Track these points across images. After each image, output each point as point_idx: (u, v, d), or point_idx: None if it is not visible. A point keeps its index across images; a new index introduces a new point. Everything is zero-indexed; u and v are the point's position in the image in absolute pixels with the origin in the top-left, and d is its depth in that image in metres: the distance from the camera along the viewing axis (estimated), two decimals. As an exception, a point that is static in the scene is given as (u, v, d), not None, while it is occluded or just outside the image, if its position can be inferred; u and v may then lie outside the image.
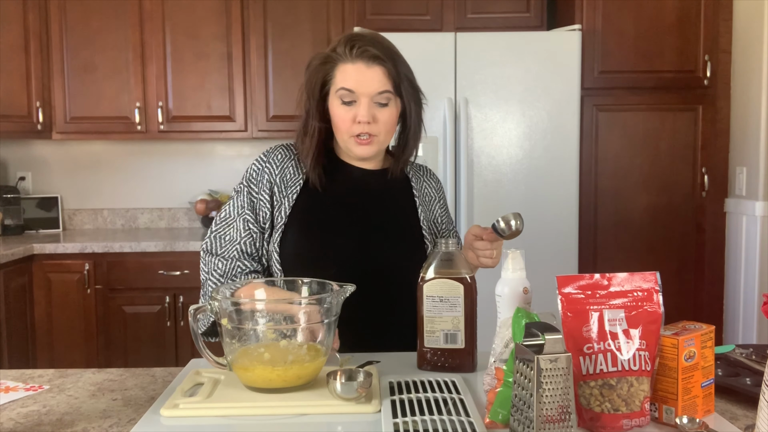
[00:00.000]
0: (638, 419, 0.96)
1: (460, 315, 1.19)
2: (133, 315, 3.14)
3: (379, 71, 1.35)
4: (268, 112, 3.42)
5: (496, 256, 1.32)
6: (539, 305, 1.09)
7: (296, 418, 1.01)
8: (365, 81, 1.34)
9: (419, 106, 1.45)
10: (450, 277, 1.20)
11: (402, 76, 1.38)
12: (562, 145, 3.05)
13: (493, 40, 3.04)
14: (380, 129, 1.38)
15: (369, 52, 1.34)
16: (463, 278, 1.20)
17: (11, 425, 1.02)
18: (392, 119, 1.40)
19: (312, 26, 3.35)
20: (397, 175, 1.50)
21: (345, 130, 1.38)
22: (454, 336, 1.20)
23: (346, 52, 1.35)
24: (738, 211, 3.19)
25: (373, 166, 1.49)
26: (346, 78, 1.35)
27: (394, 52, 1.39)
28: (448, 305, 1.19)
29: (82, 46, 3.36)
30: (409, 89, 1.40)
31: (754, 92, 3.07)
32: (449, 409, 1.00)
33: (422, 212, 1.50)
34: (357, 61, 1.35)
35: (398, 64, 1.38)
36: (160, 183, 3.74)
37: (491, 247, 1.30)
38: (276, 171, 1.45)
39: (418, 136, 1.47)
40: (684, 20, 3.18)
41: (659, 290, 0.99)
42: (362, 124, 1.35)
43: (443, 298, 1.19)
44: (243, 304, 1.12)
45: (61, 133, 3.41)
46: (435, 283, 1.20)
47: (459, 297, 1.19)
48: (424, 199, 1.53)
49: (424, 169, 1.60)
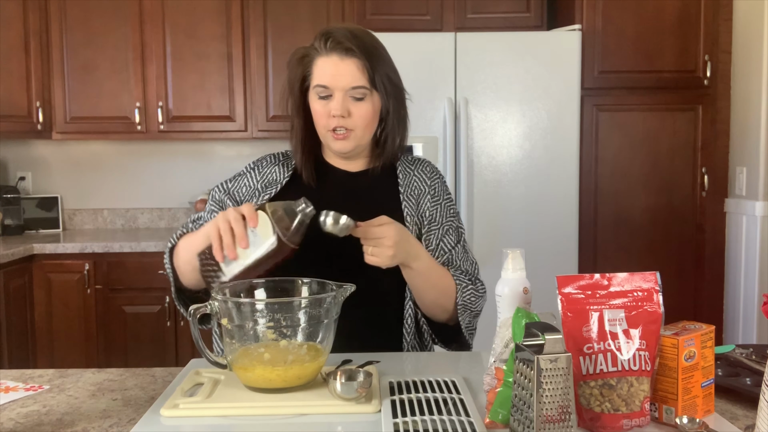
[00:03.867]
0: (638, 419, 0.96)
1: (252, 252, 1.16)
2: (133, 315, 3.14)
3: (353, 64, 1.32)
4: (268, 112, 3.42)
5: (374, 254, 1.24)
6: (539, 305, 1.09)
7: (296, 418, 1.01)
8: (338, 75, 1.32)
9: (399, 102, 1.40)
10: (279, 223, 1.16)
11: (378, 69, 1.33)
12: (562, 145, 3.05)
13: (493, 40, 3.04)
14: (356, 123, 1.34)
15: (342, 45, 1.31)
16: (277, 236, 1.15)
17: (11, 425, 1.02)
18: (368, 114, 1.35)
19: (312, 26, 3.35)
20: (378, 173, 1.45)
21: (322, 125, 1.36)
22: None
23: (321, 45, 1.33)
24: (738, 211, 3.18)
25: (359, 167, 1.46)
26: (322, 73, 1.33)
27: (371, 46, 1.35)
28: (254, 235, 1.16)
29: (82, 46, 3.36)
30: (386, 84, 1.35)
31: (754, 92, 3.07)
32: (449, 409, 1.00)
33: (406, 208, 1.43)
34: (331, 53, 1.32)
35: (374, 58, 1.33)
36: (160, 183, 3.74)
37: (365, 243, 1.24)
38: (258, 177, 1.45)
39: (398, 133, 1.42)
40: (684, 20, 3.18)
41: (659, 290, 0.99)
42: (336, 118, 1.33)
43: (254, 230, 1.16)
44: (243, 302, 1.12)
45: (61, 133, 3.41)
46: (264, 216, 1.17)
47: (266, 238, 1.15)
48: (411, 194, 1.45)
49: (418, 162, 1.52)
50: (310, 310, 1.10)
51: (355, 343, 1.31)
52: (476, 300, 1.40)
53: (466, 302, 1.38)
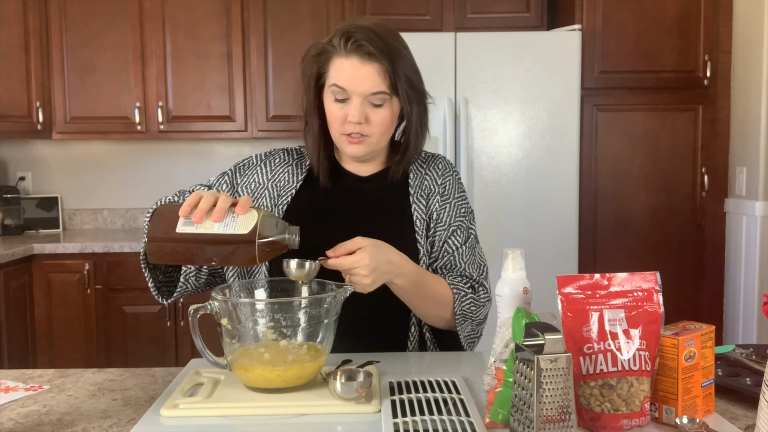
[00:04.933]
0: (638, 419, 0.96)
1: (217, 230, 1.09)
2: (133, 315, 3.14)
3: (374, 69, 1.25)
4: (268, 112, 3.42)
5: (351, 282, 1.17)
6: (539, 305, 1.09)
7: (296, 418, 1.01)
8: (358, 79, 1.25)
9: (421, 107, 1.34)
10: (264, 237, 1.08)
11: (400, 74, 1.27)
12: (562, 145, 3.05)
13: (493, 40, 3.04)
14: (373, 130, 1.29)
15: (364, 49, 1.24)
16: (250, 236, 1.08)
17: (11, 425, 1.02)
18: (386, 120, 1.30)
19: (312, 26, 3.35)
20: (399, 177, 1.40)
21: (336, 128, 1.31)
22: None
23: (341, 45, 1.25)
24: (738, 211, 3.19)
25: (372, 169, 1.41)
26: (339, 74, 1.26)
27: (394, 48, 1.27)
28: (232, 219, 1.09)
29: (82, 46, 3.36)
30: (407, 90, 1.29)
31: (754, 92, 3.07)
32: (449, 409, 1.00)
33: (416, 210, 1.38)
34: (351, 56, 1.25)
35: (397, 62, 1.26)
36: (160, 183, 3.74)
37: (342, 273, 1.17)
38: (269, 175, 1.40)
39: (420, 139, 1.37)
40: (684, 20, 3.19)
41: (659, 290, 0.99)
42: (353, 124, 1.27)
43: (235, 216, 1.09)
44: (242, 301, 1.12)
45: (61, 133, 3.41)
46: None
47: (240, 229, 1.08)
48: (421, 195, 1.40)
49: (431, 159, 1.45)
50: (310, 310, 1.10)
51: (355, 343, 1.31)
52: (477, 309, 1.34)
53: (465, 312, 1.33)
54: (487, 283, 1.40)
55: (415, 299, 1.30)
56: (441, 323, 1.37)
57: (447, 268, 1.38)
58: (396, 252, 1.23)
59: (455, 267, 1.37)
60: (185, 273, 1.31)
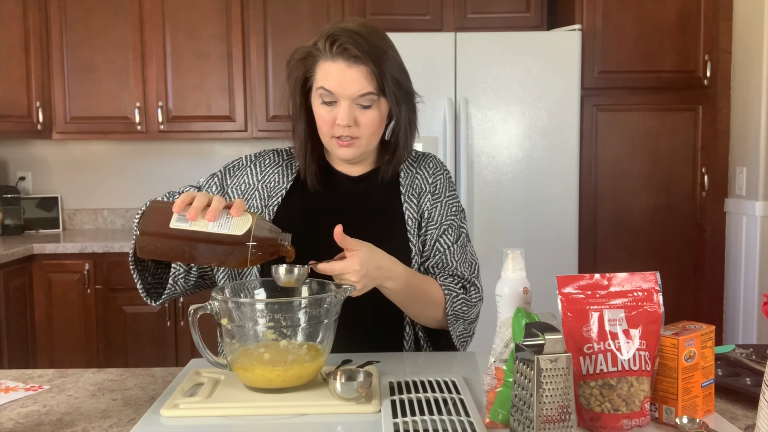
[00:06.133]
0: (638, 419, 0.96)
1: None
2: (133, 315, 3.14)
3: (360, 72, 1.24)
4: (268, 112, 3.42)
5: (352, 283, 1.15)
6: (539, 305, 1.09)
7: (296, 418, 1.01)
8: (345, 82, 1.24)
9: (410, 107, 1.35)
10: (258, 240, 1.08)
11: (387, 75, 1.26)
12: (562, 145, 3.05)
13: (493, 40, 3.04)
14: (362, 132, 1.29)
15: (350, 52, 1.23)
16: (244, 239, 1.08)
17: (11, 425, 1.02)
18: (375, 122, 1.30)
19: (312, 26, 3.35)
20: (388, 177, 1.40)
21: (326, 131, 1.30)
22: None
23: (326, 48, 1.25)
24: (738, 211, 3.19)
25: (363, 169, 1.41)
26: (326, 77, 1.26)
27: (380, 49, 1.26)
28: (226, 220, 1.09)
29: (82, 46, 3.36)
30: (395, 90, 1.28)
31: (754, 92, 3.07)
32: (449, 409, 1.00)
33: (408, 210, 1.38)
34: (337, 59, 1.24)
35: (383, 63, 1.26)
36: (160, 183, 3.74)
37: (334, 277, 1.17)
38: (259, 176, 1.40)
39: (409, 138, 1.37)
40: (684, 20, 3.19)
41: (659, 290, 0.99)
42: (342, 127, 1.27)
43: (229, 218, 1.09)
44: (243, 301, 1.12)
45: (61, 133, 3.41)
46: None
47: (233, 230, 1.08)
48: (413, 194, 1.40)
49: (422, 158, 1.45)
50: (310, 310, 1.10)
51: (354, 343, 1.31)
52: (468, 309, 1.35)
53: (456, 312, 1.33)
54: (478, 281, 1.40)
55: (406, 301, 1.30)
56: (433, 323, 1.37)
57: (438, 266, 1.38)
58: (387, 256, 1.23)
59: (447, 266, 1.37)
60: (174, 274, 1.31)
